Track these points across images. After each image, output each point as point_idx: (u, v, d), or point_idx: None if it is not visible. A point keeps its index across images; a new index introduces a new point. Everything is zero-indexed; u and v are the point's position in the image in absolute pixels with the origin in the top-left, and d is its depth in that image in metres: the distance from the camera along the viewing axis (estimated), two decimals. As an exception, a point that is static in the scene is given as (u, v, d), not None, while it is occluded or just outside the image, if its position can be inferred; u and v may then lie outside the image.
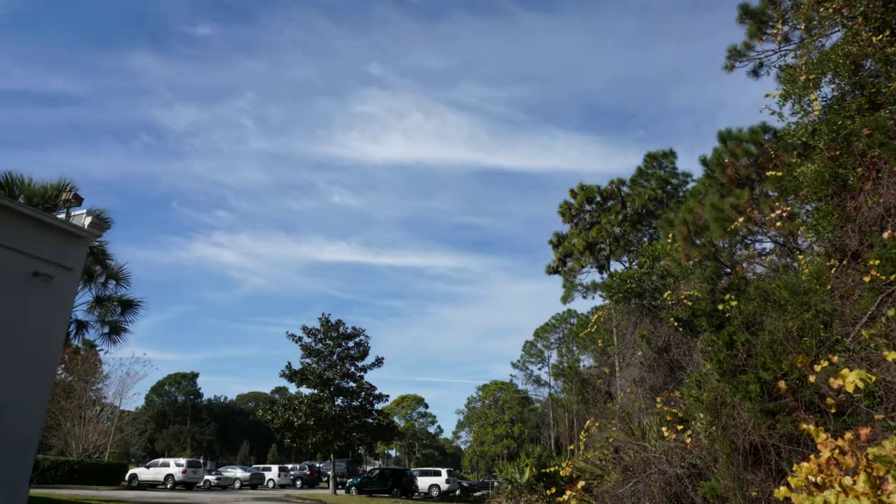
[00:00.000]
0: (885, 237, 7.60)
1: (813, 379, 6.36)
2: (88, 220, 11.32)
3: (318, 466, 50.95)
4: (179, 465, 38.53)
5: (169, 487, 37.23)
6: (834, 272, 8.44)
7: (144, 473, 38.36)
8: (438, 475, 42.74)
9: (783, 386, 7.13)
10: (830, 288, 8.20)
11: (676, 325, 12.36)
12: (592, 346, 29.71)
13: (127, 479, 38.05)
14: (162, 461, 39.89)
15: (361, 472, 55.74)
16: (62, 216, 11.48)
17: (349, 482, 38.07)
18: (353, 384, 34.90)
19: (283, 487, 45.06)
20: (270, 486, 45.70)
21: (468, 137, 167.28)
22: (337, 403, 34.08)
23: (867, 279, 7.38)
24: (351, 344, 35.45)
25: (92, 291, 18.88)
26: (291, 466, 51.79)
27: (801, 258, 10.28)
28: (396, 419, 74.01)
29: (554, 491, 14.21)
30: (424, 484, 41.26)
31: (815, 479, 4.50)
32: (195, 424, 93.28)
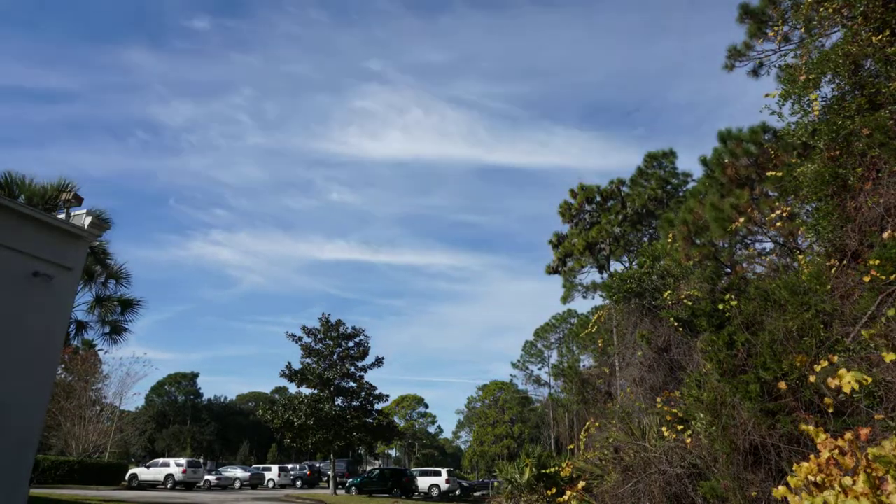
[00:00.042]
0: (885, 237, 7.60)
1: (813, 379, 6.36)
2: (88, 220, 11.33)
3: (318, 466, 50.95)
4: (179, 465, 38.55)
5: (169, 487, 37.24)
6: (834, 272, 8.44)
7: (144, 473, 38.38)
8: (438, 475, 42.75)
9: (783, 386, 7.13)
10: (830, 288, 8.20)
11: (676, 325, 12.36)
12: (592, 346, 29.72)
13: (127, 479, 38.07)
14: (162, 461, 39.90)
15: (361, 472, 55.75)
16: (62, 216, 11.49)
17: (349, 482, 38.08)
18: (353, 384, 34.95)
19: (283, 487, 45.05)
20: (270, 486, 45.70)
21: (467, 133, 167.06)
22: (337, 403, 34.11)
23: (867, 279, 7.38)
24: (351, 344, 35.49)
25: (92, 291, 18.89)
26: (291, 466, 51.78)
27: (801, 258, 10.28)
28: (396, 419, 74.00)
29: (554, 491, 14.21)
30: (424, 484, 41.28)
31: (814, 479, 4.50)
32: (195, 424, 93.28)
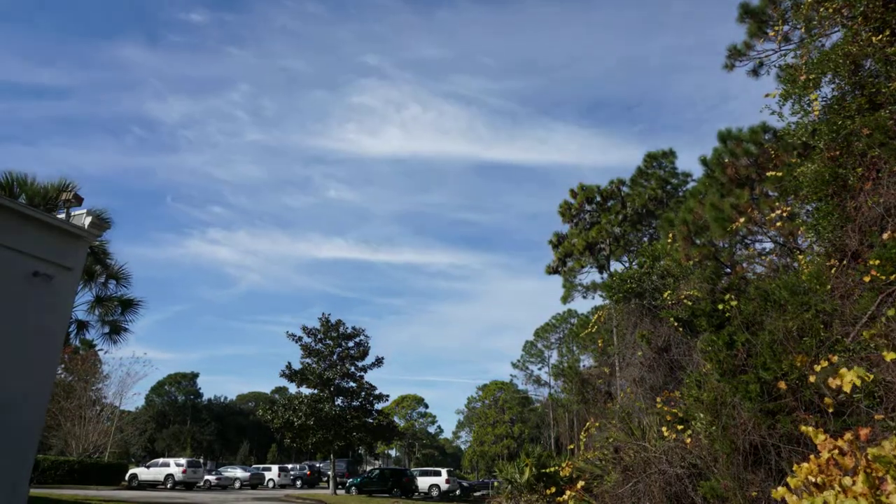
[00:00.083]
0: (885, 237, 7.60)
1: (813, 379, 6.36)
2: (88, 220, 11.33)
3: (318, 466, 50.95)
4: (179, 465, 38.56)
5: (169, 487, 37.25)
6: (834, 272, 8.43)
7: (144, 473, 38.40)
8: (438, 475, 42.76)
9: (783, 386, 7.13)
10: (830, 288, 8.19)
11: (676, 325, 12.36)
12: (592, 346, 29.71)
13: (127, 479, 38.08)
14: (162, 461, 39.92)
15: (361, 472, 55.75)
16: (62, 216, 11.48)
17: (349, 482, 38.09)
18: (353, 384, 34.94)
19: (283, 487, 45.05)
20: (270, 486, 45.70)
21: (466, 130, 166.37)
22: (337, 403, 34.10)
23: (867, 279, 7.38)
24: (351, 344, 35.49)
25: (92, 291, 18.88)
26: (291, 466, 51.79)
27: (801, 258, 10.28)
28: (396, 419, 74.00)
29: (554, 491, 14.22)
30: (424, 484, 41.28)
31: (814, 479, 4.50)
32: (195, 424, 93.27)
